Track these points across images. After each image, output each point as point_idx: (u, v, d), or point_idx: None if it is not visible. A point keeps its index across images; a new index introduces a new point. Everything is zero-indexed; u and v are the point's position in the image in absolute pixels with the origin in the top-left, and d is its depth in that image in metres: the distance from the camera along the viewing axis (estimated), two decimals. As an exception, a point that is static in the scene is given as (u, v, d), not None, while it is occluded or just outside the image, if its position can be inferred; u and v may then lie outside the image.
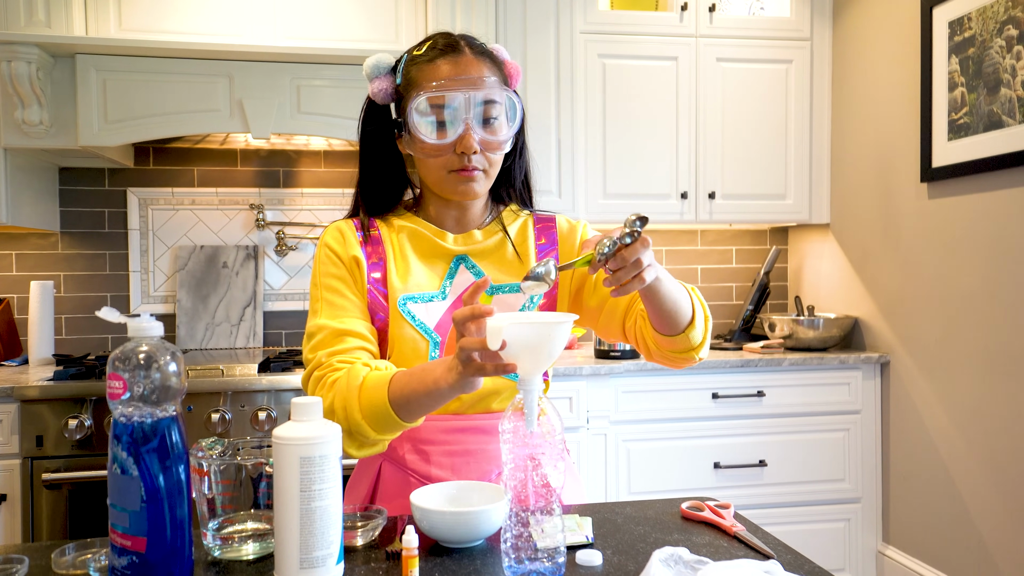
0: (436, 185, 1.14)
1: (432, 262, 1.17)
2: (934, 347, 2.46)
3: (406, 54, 1.15)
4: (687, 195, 2.84)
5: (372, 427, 1.00)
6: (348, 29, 2.52)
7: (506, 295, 1.17)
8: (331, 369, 1.06)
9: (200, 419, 2.17)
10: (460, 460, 1.13)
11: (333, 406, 1.02)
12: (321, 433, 0.78)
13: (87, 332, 2.75)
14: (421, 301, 1.13)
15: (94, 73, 2.31)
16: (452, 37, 1.13)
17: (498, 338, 0.80)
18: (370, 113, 1.18)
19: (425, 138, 1.08)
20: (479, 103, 1.08)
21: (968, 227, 2.31)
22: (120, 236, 2.77)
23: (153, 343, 0.73)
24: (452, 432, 1.13)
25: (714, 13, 2.83)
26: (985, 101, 2.21)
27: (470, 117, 1.07)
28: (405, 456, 1.14)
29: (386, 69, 1.16)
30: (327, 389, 1.04)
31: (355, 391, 1.01)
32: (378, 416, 0.99)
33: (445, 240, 1.18)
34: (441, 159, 1.10)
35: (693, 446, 2.56)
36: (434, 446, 1.13)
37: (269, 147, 2.82)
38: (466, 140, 1.07)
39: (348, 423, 1.00)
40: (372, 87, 1.15)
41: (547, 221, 1.26)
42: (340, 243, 1.15)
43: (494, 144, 1.11)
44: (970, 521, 2.33)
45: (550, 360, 0.82)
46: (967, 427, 2.34)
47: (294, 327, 2.88)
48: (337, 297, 1.12)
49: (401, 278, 1.14)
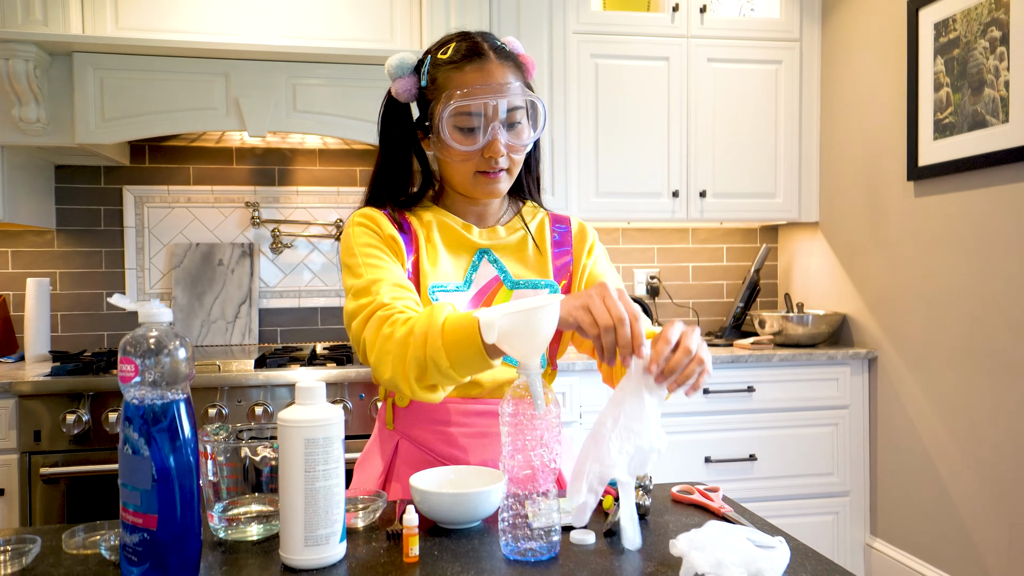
0: (462, 186, 1.17)
1: (458, 253, 1.20)
2: (920, 343, 2.51)
3: (429, 55, 1.18)
4: (678, 194, 2.87)
5: (451, 357, 0.94)
6: (343, 28, 2.55)
7: (526, 290, 1.21)
8: (397, 311, 1.03)
9: (197, 414, 2.18)
10: (477, 441, 1.17)
11: (411, 336, 0.97)
12: (325, 416, 0.80)
13: (83, 329, 2.76)
14: (447, 291, 1.17)
15: (91, 71, 2.32)
16: (474, 39, 1.16)
17: (493, 332, 0.83)
18: (392, 110, 1.21)
19: (456, 145, 1.12)
20: (506, 108, 1.12)
21: (953, 225, 2.36)
22: (116, 234, 2.79)
23: (163, 329, 0.76)
24: (470, 415, 1.17)
25: (705, 14, 2.87)
26: (969, 101, 2.26)
27: (497, 124, 1.11)
28: (425, 436, 1.18)
29: (409, 69, 1.18)
30: (400, 324, 1.00)
31: (439, 323, 0.96)
32: (464, 348, 0.93)
33: (471, 233, 1.21)
34: (468, 163, 1.14)
35: (684, 440, 2.60)
36: (454, 427, 1.17)
37: (264, 145, 2.84)
38: (494, 146, 1.12)
39: (426, 348, 0.95)
40: (396, 86, 1.18)
41: (562, 221, 1.30)
42: (374, 223, 1.16)
43: (519, 147, 1.15)
44: (955, 513, 2.37)
45: (545, 343, 0.86)
46: (952, 421, 2.38)
47: (289, 324, 2.90)
48: (381, 262, 1.11)
49: (432, 265, 1.17)
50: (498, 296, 1.20)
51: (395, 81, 1.18)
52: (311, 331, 2.92)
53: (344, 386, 2.27)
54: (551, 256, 1.25)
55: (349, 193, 2.94)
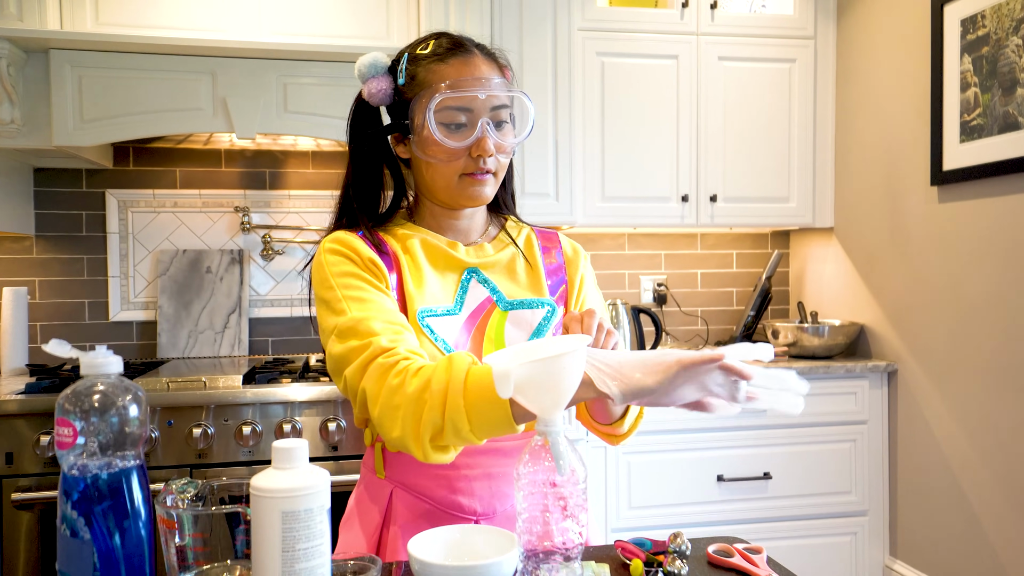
0: (444, 191, 1.06)
1: (444, 273, 1.09)
2: (944, 355, 2.38)
3: (406, 53, 1.09)
4: (688, 198, 2.75)
5: (473, 421, 0.83)
6: (337, 25, 2.41)
7: (522, 311, 1.09)
8: (402, 356, 0.91)
9: (181, 434, 2.06)
10: (482, 484, 1.04)
11: (426, 393, 0.85)
12: (307, 483, 0.68)
13: (63, 340, 2.62)
14: (437, 315, 1.05)
15: (69, 69, 2.19)
16: (455, 36, 1.08)
17: (508, 384, 0.70)
18: (362, 116, 1.11)
19: (444, 140, 1.02)
20: (494, 105, 1.04)
21: (981, 232, 2.23)
22: (98, 240, 2.65)
23: (110, 382, 0.63)
24: (474, 454, 1.04)
25: (715, 10, 2.74)
26: (1000, 102, 2.13)
27: (487, 120, 1.03)
28: (423, 482, 1.05)
29: (383, 68, 1.08)
30: (411, 375, 0.87)
31: (460, 379, 0.84)
32: (488, 412, 0.82)
33: (457, 251, 1.10)
34: (455, 163, 1.04)
35: (695, 458, 2.47)
36: (457, 469, 1.04)
37: (255, 147, 2.71)
38: (484, 143, 1.03)
39: (445, 411, 0.84)
40: (368, 88, 1.08)
41: (550, 238, 1.20)
42: (349, 247, 1.04)
43: (506, 147, 1.06)
44: (982, 535, 2.25)
45: (569, 394, 0.73)
46: (979, 438, 2.26)
47: (281, 334, 2.77)
48: (362, 293, 0.99)
49: (417, 288, 1.05)
50: (493, 319, 1.07)
51: (367, 82, 1.08)
52: (304, 342, 2.79)
53: (338, 403, 2.14)
54: (543, 273, 1.14)
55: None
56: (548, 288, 1.13)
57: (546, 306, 1.10)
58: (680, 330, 3.10)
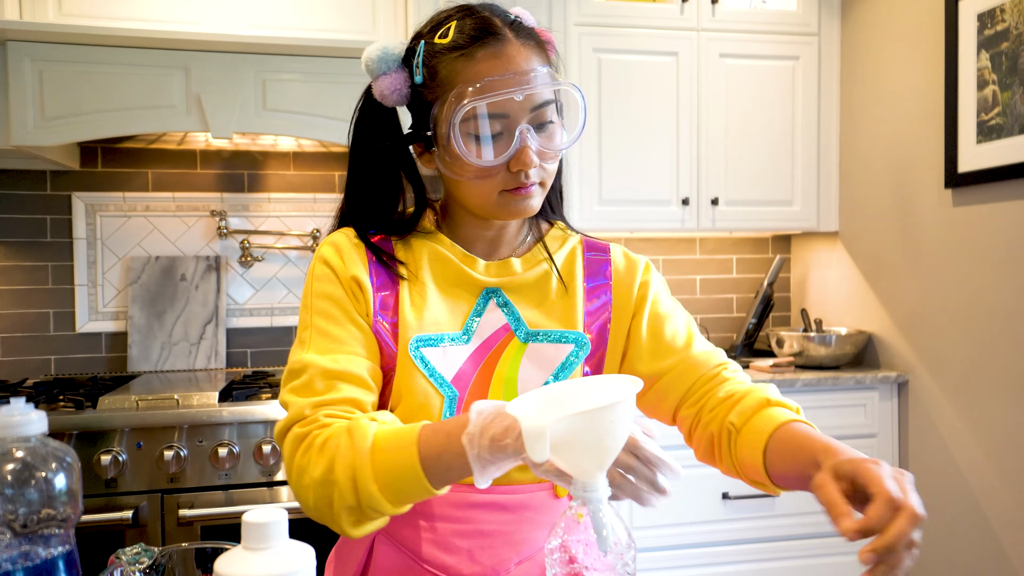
0: (482, 208, 0.90)
1: (455, 294, 0.93)
2: (958, 366, 2.28)
3: (422, 41, 0.90)
4: (688, 201, 2.62)
5: (390, 497, 0.76)
6: (319, 18, 2.27)
7: (543, 344, 0.93)
8: (317, 425, 0.81)
9: (151, 458, 1.91)
10: (475, 542, 0.89)
11: (332, 475, 0.77)
12: (287, 569, 0.54)
13: (26, 353, 2.46)
14: (438, 344, 0.89)
15: (28, 63, 2.02)
16: (481, 14, 0.88)
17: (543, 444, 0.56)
18: (371, 118, 0.93)
19: (473, 160, 0.85)
20: (535, 106, 0.85)
21: (999, 236, 2.13)
22: (64, 246, 2.49)
23: (30, 446, 0.49)
24: (465, 508, 0.89)
25: (717, 5, 2.62)
26: (1021, 100, 2.02)
27: (525, 127, 0.85)
28: (407, 534, 0.90)
29: (397, 61, 0.90)
30: (316, 452, 0.79)
31: (365, 454, 0.76)
32: (402, 483, 0.75)
33: (475, 268, 0.93)
34: (491, 180, 0.87)
35: (700, 475, 2.34)
36: (444, 523, 0.89)
37: (232, 148, 2.55)
38: (525, 156, 0.85)
39: (357, 494, 0.76)
40: (380, 87, 0.90)
41: (599, 250, 1.01)
42: (338, 257, 0.90)
43: (552, 154, 0.88)
44: (1003, 556, 2.14)
45: (616, 451, 0.60)
46: (997, 453, 2.15)
47: (260, 345, 2.62)
48: (332, 325, 0.87)
49: (416, 311, 0.90)
50: (508, 352, 0.91)
51: (378, 79, 0.90)
52: (285, 353, 2.64)
53: (321, 422, 2.00)
54: (581, 297, 0.95)
55: (326, 200, 2.66)
56: (584, 316, 0.96)
57: (572, 341, 0.94)
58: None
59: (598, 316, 0.97)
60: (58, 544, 0.50)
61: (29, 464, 0.49)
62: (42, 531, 0.49)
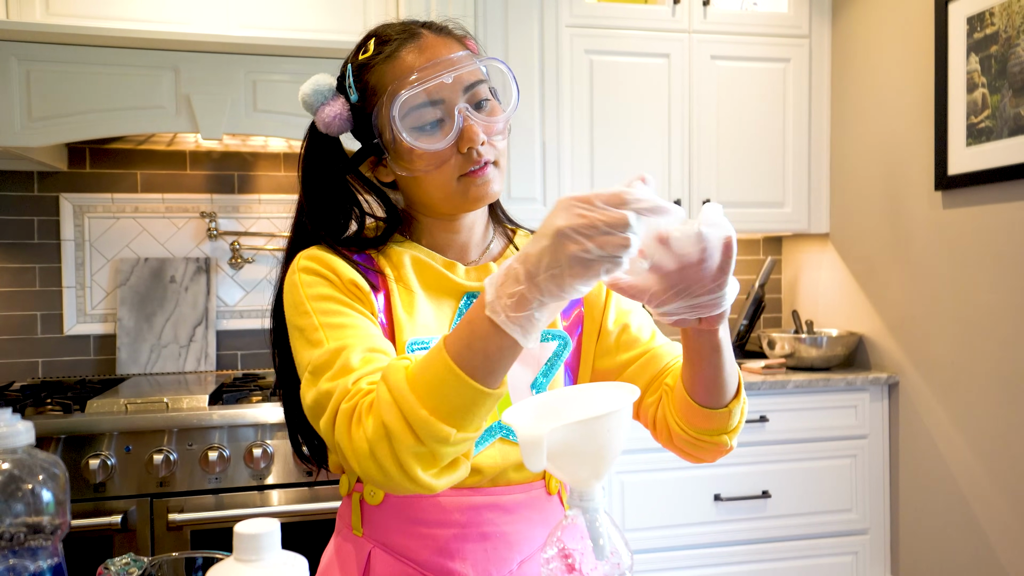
0: (445, 201, 0.90)
1: (439, 298, 0.94)
2: (948, 367, 2.29)
3: (349, 64, 0.94)
4: (680, 202, 2.63)
5: (444, 417, 0.69)
6: (310, 18, 2.26)
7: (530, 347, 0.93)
8: (362, 394, 0.77)
9: (140, 462, 1.89)
10: (475, 546, 0.88)
11: (383, 427, 0.71)
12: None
13: (13, 356, 2.43)
14: (429, 346, 0.89)
15: (15, 63, 2.00)
16: (393, 25, 0.93)
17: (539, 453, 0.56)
18: (318, 151, 0.95)
19: (422, 146, 0.86)
20: (467, 85, 0.88)
21: (988, 239, 2.14)
22: (52, 248, 2.46)
23: (16, 457, 0.48)
24: (467, 511, 0.88)
25: (708, 7, 2.63)
26: (1010, 104, 2.04)
27: (463, 105, 0.87)
28: (406, 544, 0.89)
29: (331, 91, 0.93)
30: (365, 415, 0.74)
31: (403, 385, 0.71)
32: (447, 393, 0.69)
33: (455, 272, 0.94)
34: (446, 167, 0.88)
35: (692, 477, 2.35)
36: (444, 529, 0.88)
37: (222, 149, 2.54)
38: (470, 132, 0.86)
39: (413, 430, 0.70)
40: (321, 117, 0.92)
41: None
42: (326, 266, 0.89)
43: (496, 128, 0.90)
44: (991, 555, 2.15)
45: (614, 458, 0.59)
46: (986, 453, 2.16)
47: (251, 347, 2.60)
48: (339, 318, 0.85)
49: (408, 314, 0.90)
50: None
51: (318, 112, 0.92)
52: (275, 355, 2.62)
53: (312, 425, 1.99)
54: None
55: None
56: (560, 314, 0.97)
57: (557, 339, 0.95)
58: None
59: (570, 314, 0.99)
60: (45, 557, 0.49)
61: (16, 476, 0.48)
62: (29, 543, 0.48)
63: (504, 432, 0.91)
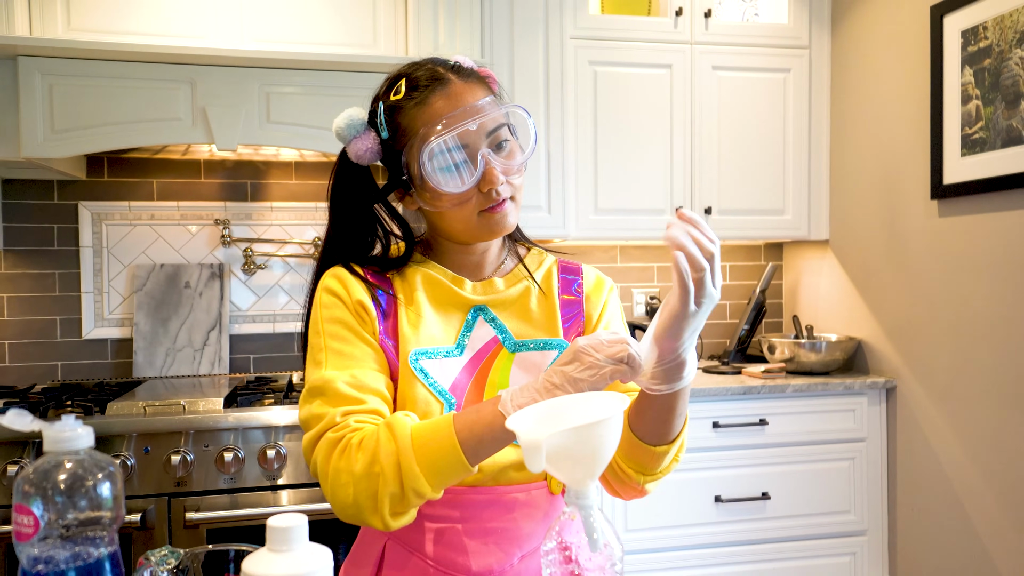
0: (466, 232, 0.99)
1: (447, 312, 1.02)
2: (944, 372, 2.34)
3: (380, 103, 1.02)
4: (682, 210, 2.68)
5: (431, 478, 0.84)
6: (322, 32, 2.33)
7: (530, 353, 1.02)
8: (350, 429, 0.89)
9: (159, 462, 1.96)
10: (478, 541, 0.96)
11: (376, 466, 0.84)
12: (308, 569, 0.59)
13: (34, 359, 2.51)
14: (434, 357, 0.98)
15: (39, 77, 2.08)
16: (428, 67, 1.00)
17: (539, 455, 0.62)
18: (348, 178, 1.04)
19: (447, 189, 0.95)
20: (489, 131, 0.96)
21: (983, 247, 2.19)
22: (71, 254, 2.54)
23: (79, 458, 0.54)
24: (471, 507, 0.97)
25: (710, 19, 2.69)
26: (1004, 115, 2.09)
27: (485, 150, 0.95)
28: (416, 537, 0.98)
29: (363, 124, 1.01)
30: (355, 450, 0.86)
31: (407, 440, 0.85)
32: (442, 462, 0.83)
33: (463, 288, 1.03)
34: (468, 204, 0.97)
35: (693, 479, 2.41)
36: (450, 524, 0.97)
37: (236, 158, 2.61)
38: (491, 176, 0.95)
39: (401, 478, 0.83)
40: (354, 150, 1.01)
41: (573, 271, 1.12)
42: (341, 286, 0.99)
43: (514, 169, 0.98)
44: (985, 556, 2.20)
45: (607, 460, 0.66)
46: (981, 456, 2.21)
47: (263, 351, 2.67)
48: (345, 345, 0.96)
49: (413, 328, 0.99)
50: (498, 361, 1.01)
51: (351, 144, 1.01)
52: (287, 359, 2.69)
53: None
54: (559, 310, 1.06)
55: (327, 209, 2.71)
56: (563, 326, 1.05)
57: (557, 348, 1.03)
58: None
59: (573, 325, 1.07)
60: (104, 545, 0.55)
61: (79, 475, 0.55)
62: (90, 534, 0.55)
63: None
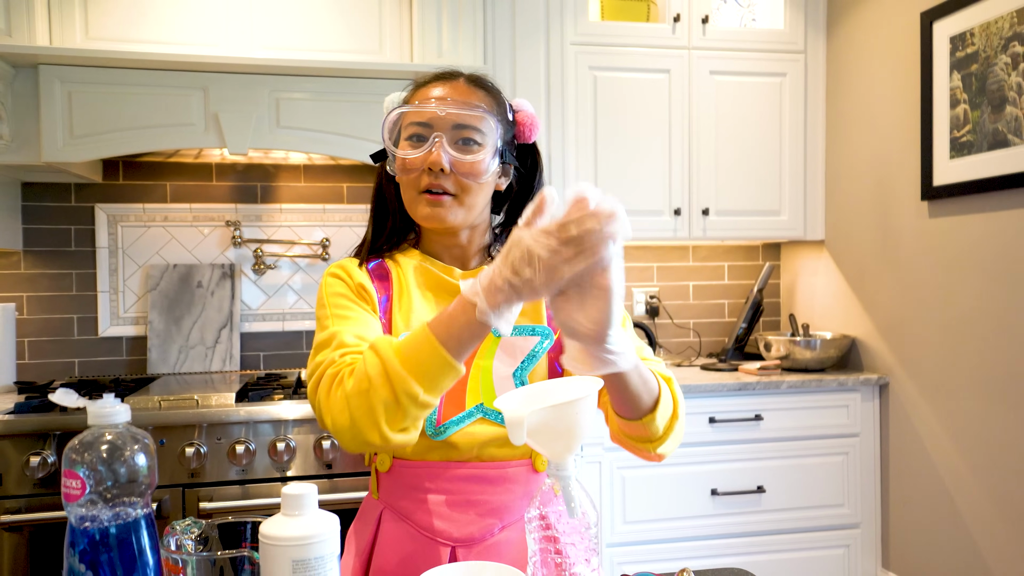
0: (410, 208, 1.09)
1: (436, 298, 1.11)
2: (935, 369, 2.40)
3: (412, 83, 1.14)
4: (680, 211, 2.75)
5: (419, 379, 0.86)
6: (329, 39, 2.41)
7: (513, 338, 1.09)
8: (345, 364, 0.94)
9: (173, 454, 2.04)
10: (460, 512, 1.04)
11: (365, 381, 0.88)
12: (317, 531, 0.67)
13: (52, 356, 2.60)
14: None
15: (58, 85, 2.17)
16: (456, 70, 1.12)
17: (520, 430, 0.70)
18: (387, 184, 1.16)
19: (401, 152, 1.05)
20: (456, 124, 1.04)
21: (971, 247, 2.25)
22: (87, 255, 2.63)
23: (118, 431, 0.62)
24: (452, 480, 1.05)
25: (707, 25, 2.76)
26: (990, 119, 2.15)
27: (444, 136, 1.04)
28: (407, 507, 1.06)
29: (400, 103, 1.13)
30: (347, 377, 0.91)
31: (390, 351, 0.88)
32: (425, 361, 0.86)
33: (452, 275, 1.11)
34: (414, 178, 1.06)
35: (690, 472, 2.47)
36: (437, 495, 1.05)
37: (246, 161, 2.69)
38: (433, 155, 1.03)
39: (391, 384, 0.86)
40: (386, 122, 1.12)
41: None
42: (345, 271, 1.10)
43: (465, 166, 1.04)
44: (974, 547, 2.26)
45: (583, 438, 0.73)
46: (970, 450, 2.28)
47: (272, 349, 2.76)
48: (348, 311, 1.04)
49: (404, 315, 1.07)
50: (484, 344, 1.08)
51: (388, 116, 1.12)
52: (296, 356, 2.77)
53: (331, 421, 2.13)
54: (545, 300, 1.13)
55: (335, 211, 2.80)
56: (547, 312, 1.12)
57: (540, 334, 1.09)
58: (672, 342, 3.11)
59: None
60: (140, 507, 0.63)
61: (118, 446, 0.62)
62: (126, 497, 0.62)
63: (483, 413, 1.05)
